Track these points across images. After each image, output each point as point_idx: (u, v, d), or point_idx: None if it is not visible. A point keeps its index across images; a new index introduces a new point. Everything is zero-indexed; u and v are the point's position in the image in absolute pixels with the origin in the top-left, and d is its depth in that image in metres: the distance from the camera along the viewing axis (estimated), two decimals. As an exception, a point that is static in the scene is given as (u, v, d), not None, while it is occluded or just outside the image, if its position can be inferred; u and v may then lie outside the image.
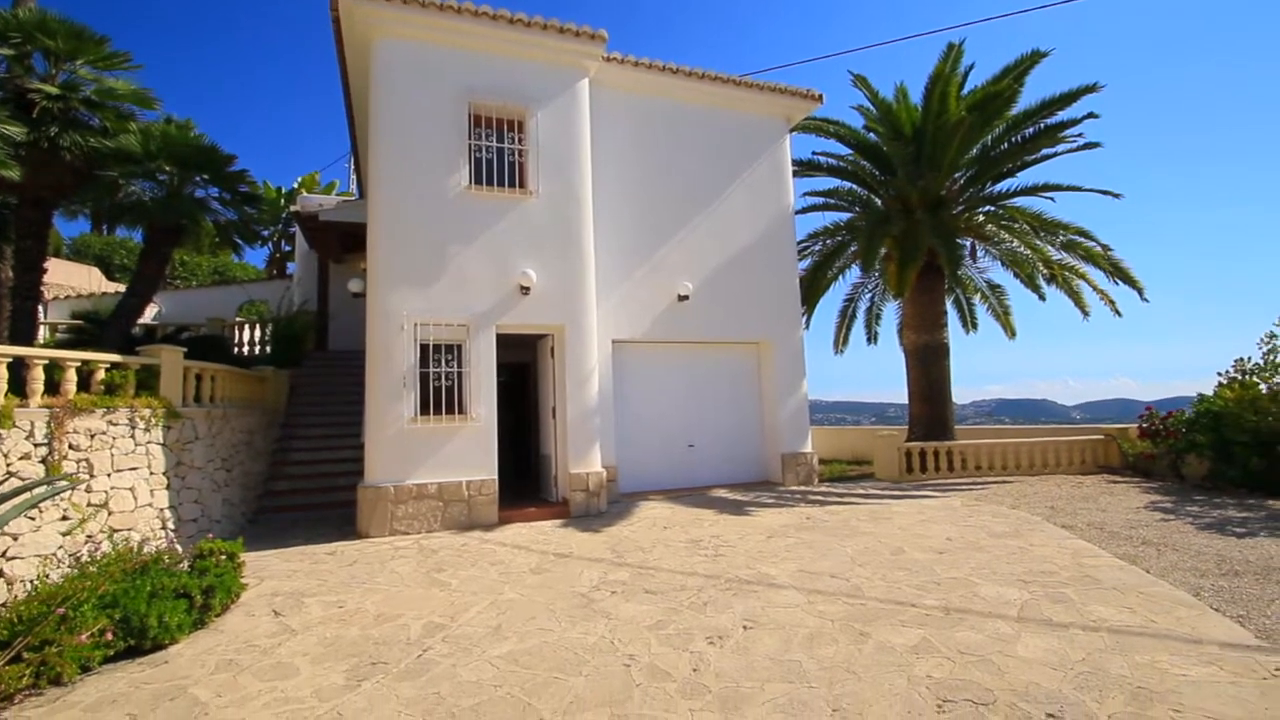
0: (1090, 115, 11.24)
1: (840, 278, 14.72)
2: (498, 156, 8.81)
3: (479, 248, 8.45)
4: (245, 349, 14.47)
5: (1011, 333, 14.03)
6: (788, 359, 11.29)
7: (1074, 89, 11.18)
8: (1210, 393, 9.33)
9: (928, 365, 12.80)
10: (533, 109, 8.92)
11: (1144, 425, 10.45)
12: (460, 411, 8.16)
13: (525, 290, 8.55)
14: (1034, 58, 11.37)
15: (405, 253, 8.09)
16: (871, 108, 13.00)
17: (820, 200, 14.60)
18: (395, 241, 8.08)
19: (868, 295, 15.76)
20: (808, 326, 14.45)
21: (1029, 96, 11.62)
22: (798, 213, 13.10)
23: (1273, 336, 8.36)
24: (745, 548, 6.35)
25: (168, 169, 9.64)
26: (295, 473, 9.95)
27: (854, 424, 19.51)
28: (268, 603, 5.04)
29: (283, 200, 23.54)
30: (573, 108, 9.27)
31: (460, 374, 8.25)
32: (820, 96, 11.82)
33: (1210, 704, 3.06)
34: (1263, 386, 8.54)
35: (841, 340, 16.18)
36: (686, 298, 10.57)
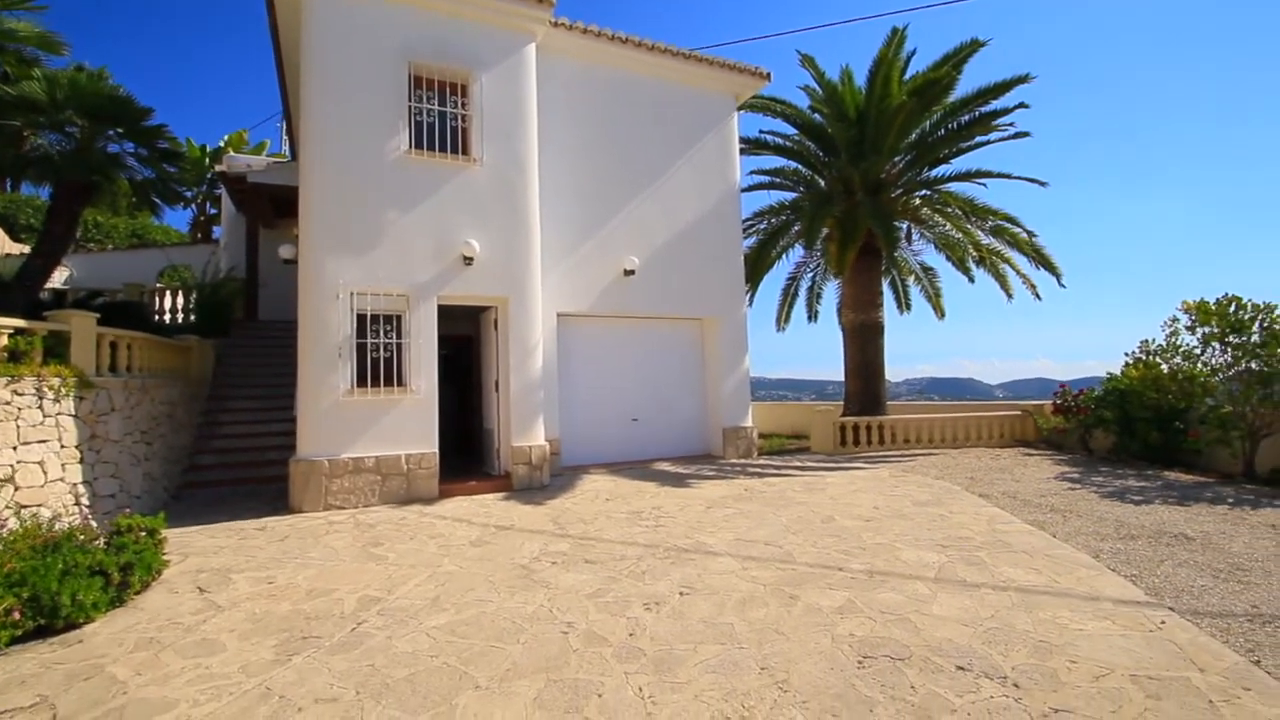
0: (1021, 105, 11.75)
1: (784, 257, 15.02)
2: (440, 121, 8.51)
3: (420, 215, 8.20)
4: (167, 317, 13.66)
5: (941, 313, 14.67)
6: (731, 335, 11.49)
7: (1007, 79, 11.62)
8: (1118, 372, 10.04)
9: (864, 343, 13.27)
10: (477, 73, 8.64)
11: (1057, 402, 11.19)
12: (400, 384, 7.97)
13: (468, 261, 8.37)
14: (972, 46, 11.73)
15: (340, 218, 7.76)
16: (818, 89, 13.16)
17: (766, 179, 14.79)
18: (329, 206, 7.73)
19: (809, 274, 16.16)
20: (751, 304, 14.71)
21: (965, 85, 12.02)
22: (744, 191, 13.24)
23: (1174, 320, 9.03)
24: (685, 518, 6.51)
25: (77, 121, 8.91)
26: (223, 446, 9.54)
27: (795, 400, 20.11)
28: (192, 580, 4.86)
29: (207, 159, 22.11)
30: (519, 73, 9.02)
31: (400, 345, 8.04)
32: (768, 75, 11.89)
33: (1102, 654, 3.36)
34: (1164, 366, 9.24)
35: (784, 318, 16.57)
36: (632, 272, 10.57)
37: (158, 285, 15.07)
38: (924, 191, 13.15)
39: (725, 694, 2.98)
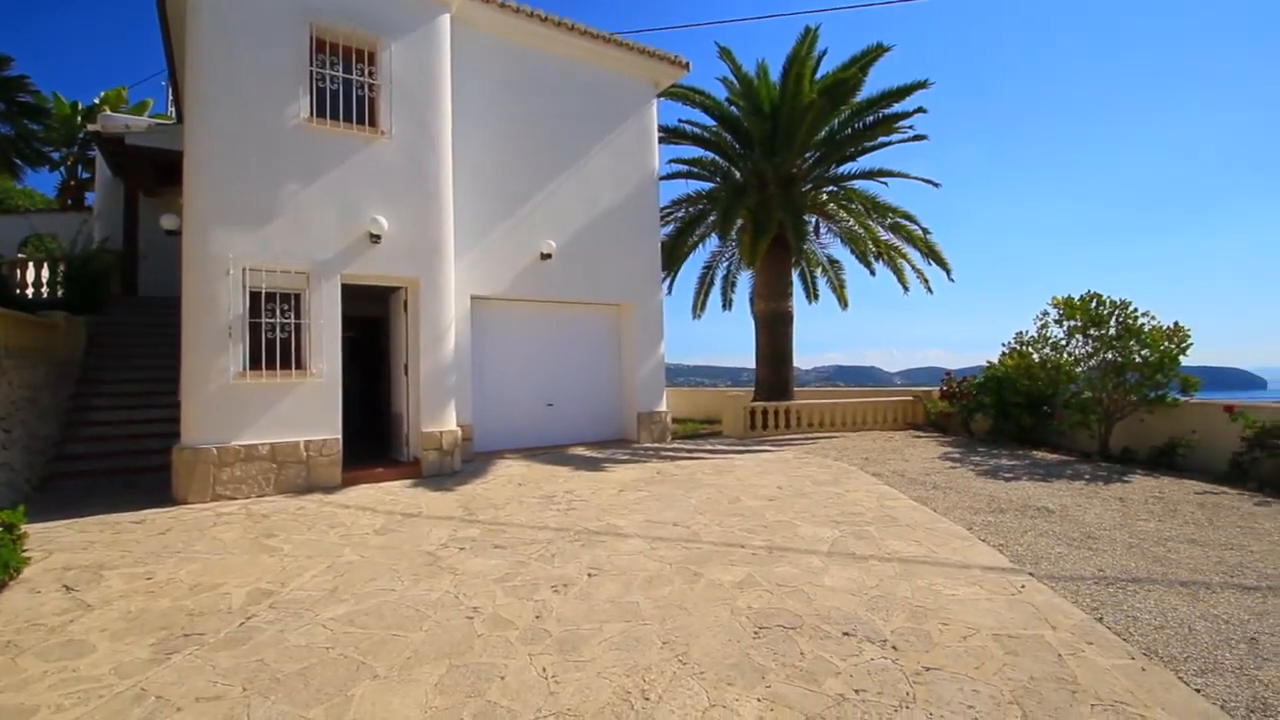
0: (920, 110, 12.47)
1: (700, 245, 15.34)
2: (345, 89, 8.04)
3: (322, 188, 7.75)
4: (30, 291, 12.24)
5: (845, 304, 15.45)
6: (647, 321, 11.62)
7: (908, 84, 12.30)
8: (996, 361, 10.96)
9: (774, 332, 13.78)
10: (386, 40, 8.22)
11: (944, 389, 12.11)
12: (299, 366, 7.55)
13: (375, 239, 8.00)
14: (878, 50, 12.31)
15: (231, 187, 7.21)
16: (735, 81, 13.44)
17: (684, 168, 14.98)
18: (219, 174, 7.17)
19: (725, 264, 16.56)
20: (669, 291, 14.96)
21: (870, 87, 12.64)
22: (662, 179, 13.36)
23: (1045, 314, 9.95)
24: (597, 502, 6.58)
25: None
26: (98, 434, 8.72)
27: (711, 386, 20.62)
28: (57, 577, 4.45)
29: (79, 118, 19.84)
30: (432, 43, 8.65)
31: (299, 326, 7.61)
32: (687, 64, 12.01)
33: (970, 617, 3.69)
34: (1035, 356, 10.18)
35: (699, 306, 16.94)
36: (549, 256, 10.48)
37: (19, 256, 13.46)
38: (831, 188, 13.76)
39: (627, 670, 3.07)
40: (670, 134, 14.13)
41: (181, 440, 6.96)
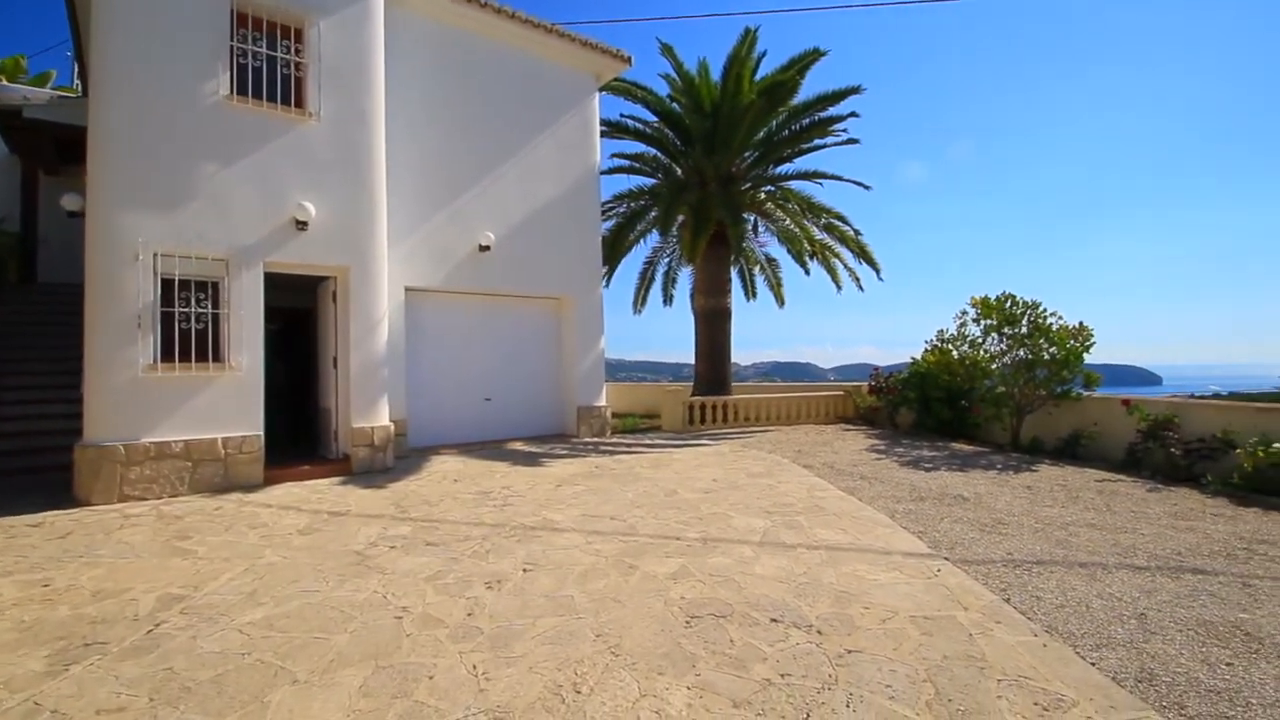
0: (853, 114, 12.91)
1: (642, 241, 15.40)
2: (269, 67, 7.63)
3: (244, 170, 7.34)
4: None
5: (781, 301, 15.86)
6: (587, 316, 11.59)
7: (842, 89, 12.72)
8: (920, 358, 11.49)
9: (713, 328, 14.00)
10: (314, 17, 7.84)
11: (872, 384, 12.62)
12: (217, 359, 7.15)
13: (302, 225, 7.65)
14: (814, 55, 12.65)
15: (141, 167, 6.73)
16: (677, 78, 13.55)
17: (626, 163, 15.01)
18: (127, 151, 6.67)
19: (666, 260, 16.71)
20: (609, 285, 14.96)
21: (807, 90, 12.99)
22: (604, 173, 13.33)
23: (964, 313, 10.51)
24: (534, 496, 6.53)
25: None
26: (-15, 432, 7.99)
27: (653, 382, 20.77)
28: (-66, 588, 4.07)
29: (-33, 87, 18.01)
30: (364, 23, 8.31)
31: (217, 316, 7.20)
32: (629, 59, 12.00)
33: (890, 600, 3.87)
34: (955, 353, 10.74)
35: (640, 301, 17.03)
36: (488, 248, 10.29)
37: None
38: (769, 187, 14.08)
39: (560, 663, 3.07)
40: (613, 128, 14.11)
41: (85, 437, 6.48)
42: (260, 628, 3.48)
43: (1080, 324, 9.28)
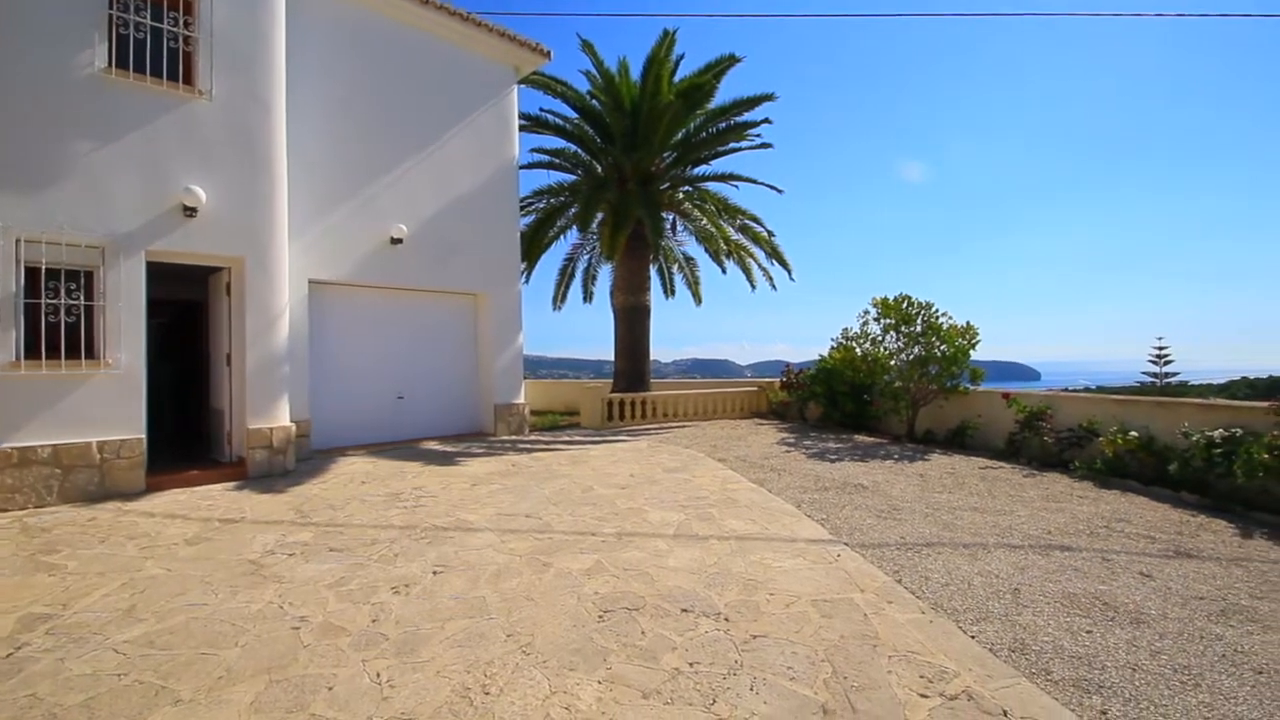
0: (766, 120, 13.35)
1: (562, 237, 15.30)
2: (154, 39, 7.01)
3: (124, 150, 6.73)
4: None
5: (699, 300, 16.19)
6: (505, 312, 11.39)
7: (756, 95, 13.11)
8: (826, 355, 12.05)
9: (632, 325, 14.11)
10: (203, -13, 7.28)
11: (784, 380, 13.13)
12: (91, 356, 6.53)
13: (190, 211, 7.09)
14: (730, 60, 12.96)
15: (0, 143, 6.05)
16: (597, 76, 13.53)
17: (546, 159, 14.86)
18: (-23, 124, 5.97)
19: (586, 256, 16.67)
20: (528, 281, 14.79)
21: (723, 95, 13.32)
22: (523, 168, 13.15)
23: (866, 312, 11.12)
24: (447, 497, 6.37)
25: None
26: None
27: (575, 379, 20.71)
28: None
29: None
30: (261, -2, 7.79)
31: (92, 308, 6.57)
32: (549, 53, 11.87)
33: (794, 586, 4.06)
34: (858, 350, 11.34)
35: (560, 297, 16.92)
36: (400, 241, 9.91)
37: None
38: (687, 187, 14.34)
39: (468, 666, 3.02)
40: (532, 122, 13.92)
41: (-76, 444, 5.75)
42: (139, 646, 3.22)
43: (967, 323, 10.04)
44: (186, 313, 10.93)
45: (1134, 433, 7.14)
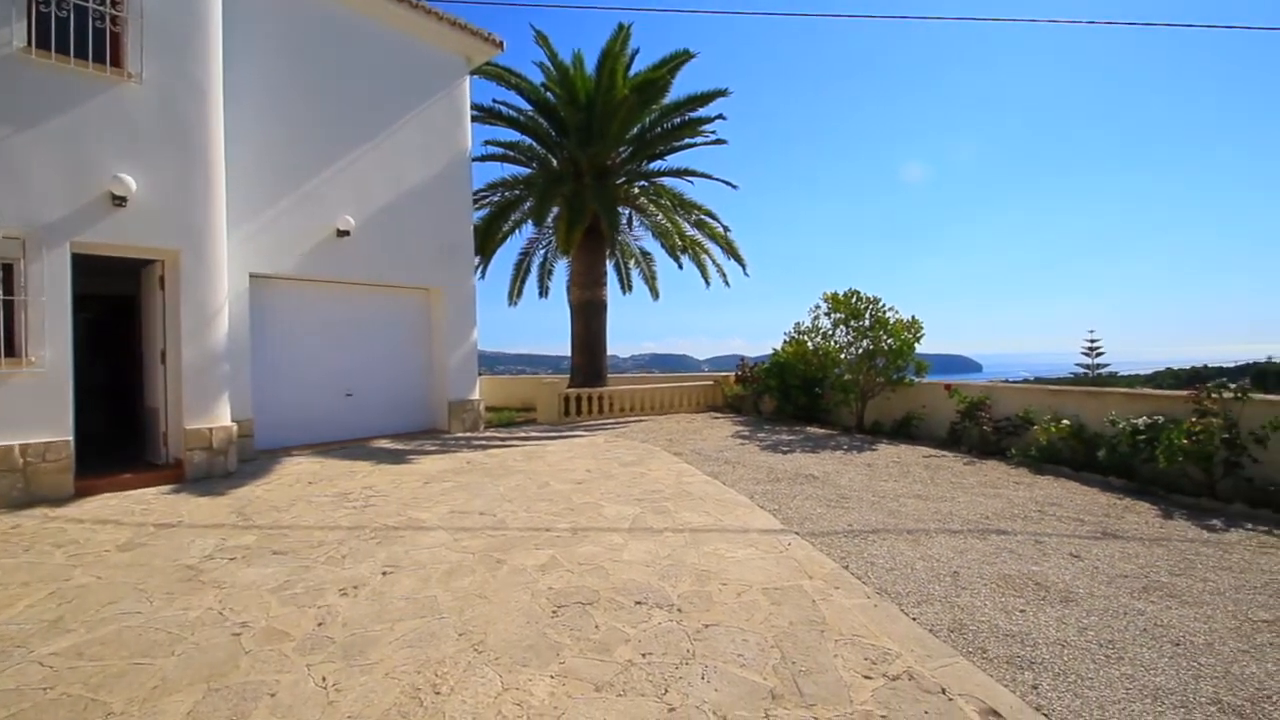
0: (720, 116, 13.47)
1: (517, 231, 15.14)
2: (78, 17, 6.61)
3: (46, 136, 6.35)
4: None
5: (655, 295, 16.27)
6: (458, 307, 11.21)
7: (710, 91, 13.22)
8: (780, 349, 12.27)
9: (589, 320, 14.08)
10: (131, -36, 6.90)
11: (739, 373, 13.32)
12: (11, 353, 6.15)
13: (120, 201, 6.74)
14: (684, 56, 13.01)
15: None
16: (552, 68, 13.40)
17: (500, 151, 14.66)
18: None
19: (542, 251, 16.54)
20: (483, 276, 14.59)
21: (678, 90, 13.37)
22: (476, 160, 12.94)
23: (818, 307, 11.38)
24: (398, 496, 6.25)
25: None
26: None
27: (532, 375, 20.53)
28: None
29: None
30: (193, -23, 7.43)
31: (11, 303, 6.18)
32: (501, 43, 11.69)
33: (746, 575, 4.13)
34: (810, 344, 11.59)
35: (516, 292, 16.74)
36: (347, 233, 9.63)
37: None
38: (643, 182, 14.38)
39: (419, 666, 2.98)
40: (486, 114, 13.71)
41: None
42: (67, 658, 3.07)
43: (913, 317, 10.39)
44: (119, 308, 10.39)
45: (1066, 421, 7.51)
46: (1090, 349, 18.41)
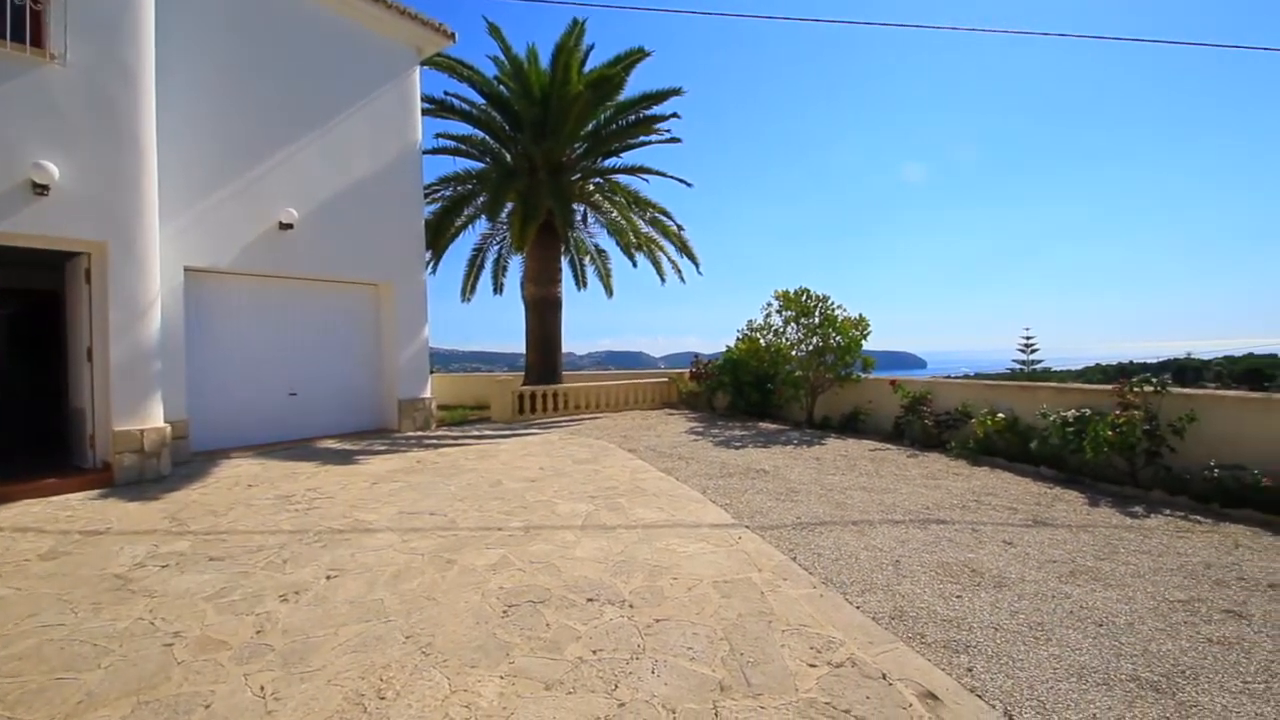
0: (674, 115, 13.53)
1: (470, 226, 14.89)
2: (-8, -7, 6.20)
3: (-47, 119, 5.92)
4: None
5: (610, 292, 16.27)
6: (409, 303, 10.96)
7: (665, 89, 13.26)
8: (733, 346, 12.45)
9: (543, 317, 13.97)
10: (50, -63, 6.49)
11: (693, 370, 13.45)
12: (-89, 353, 5.72)
13: (41, 189, 6.36)
14: (639, 54, 13.01)
15: None
16: (505, 61, 13.22)
17: (452, 145, 14.38)
18: None
19: (495, 247, 16.31)
20: (434, 272, 14.31)
21: (633, 88, 13.38)
22: (427, 153, 12.66)
23: (769, 305, 11.58)
24: (345, 497, 6.08)
25: None
26: None
27: (487, 372, 20.25)
28: None
29: None
30: (121, -45, 7.04)
31: (-89, 299, 5.75)
32: (453, 35, 11.47)
33: (697, 569, 4.18)
34: (762, 341, 11.80)
35: (469, 289, 16.48)
36: (290, 226, 9.30)
37: None
38: (598, 179, 14.32)
39: (363, 671, 2.91)
40: (438, 106, 13.41)
41: None
42: (-23, 677, 2.88)
43: (860, 315, 10.68)
44: (43, 303, 9.78)
45: (1001, 415, 7.86)
46: (1026, 346, 19.32)
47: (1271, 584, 3.94)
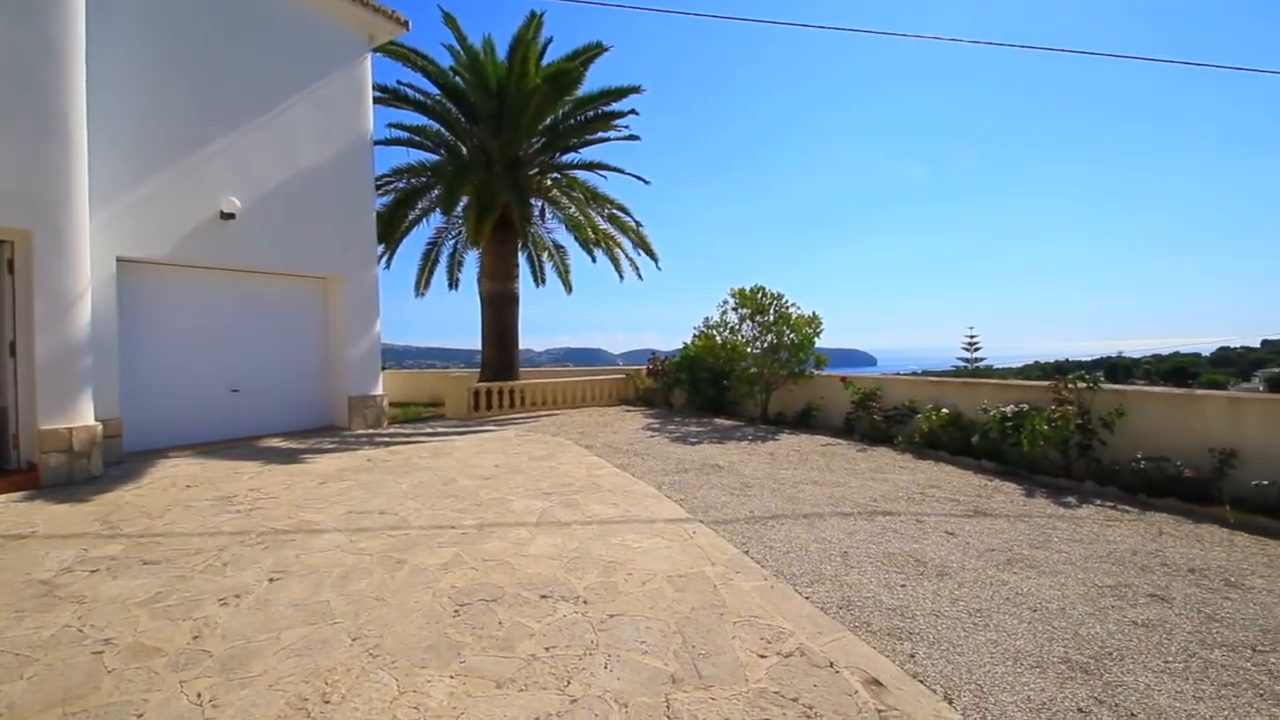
0: (633, 112, 13.53)
1: (425, 220, 14.61)
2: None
3: None
4: None
5: (569, 288, 16.19)
6: (360, 297, 10.68)
7: (624, 86, 13.23)
8: (689, 343, 12.55)
9: (500, 312, 13.81)
10: (-39, -96, 6.07)
11: (650, 367, 13.50)
12: None
13: (-48, 174, 5.94)
14: (598, 49, 12.94)
15: None
16: (461, 51, 12.97)
17: (406, 135, 14.06)
18: None
19: (451, 241, 16.04)
20: (388, 266, 13.99)
21: (591, 84, 13.30)
22: (379, 143, 12.35)
23: (725, 302, 11.73)
24: (290, 498, 5.90)
25: None
26: None
27: (442, 368, 19.89)
28: None
29: None
30: (43, -77, 6.63)
31: None
32: (406, 22, 11.21)
33: (652, 565, 4.21)
34: (718, 338, 11.92)
35: (424, 283, 16.16)
36: (233, 216, 8.94)
37: None
38: (556, 175, 14.22)
39: (307, 675, 2.84)
40: (391, 96, 13.08)
41: None
42: (-119, 694, 2.69)
43: (813, 313, 10.91)
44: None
45: (945, 410, 8.15)
46: (970, 344, 20.04)
47: (1192, 569, 4.21)
